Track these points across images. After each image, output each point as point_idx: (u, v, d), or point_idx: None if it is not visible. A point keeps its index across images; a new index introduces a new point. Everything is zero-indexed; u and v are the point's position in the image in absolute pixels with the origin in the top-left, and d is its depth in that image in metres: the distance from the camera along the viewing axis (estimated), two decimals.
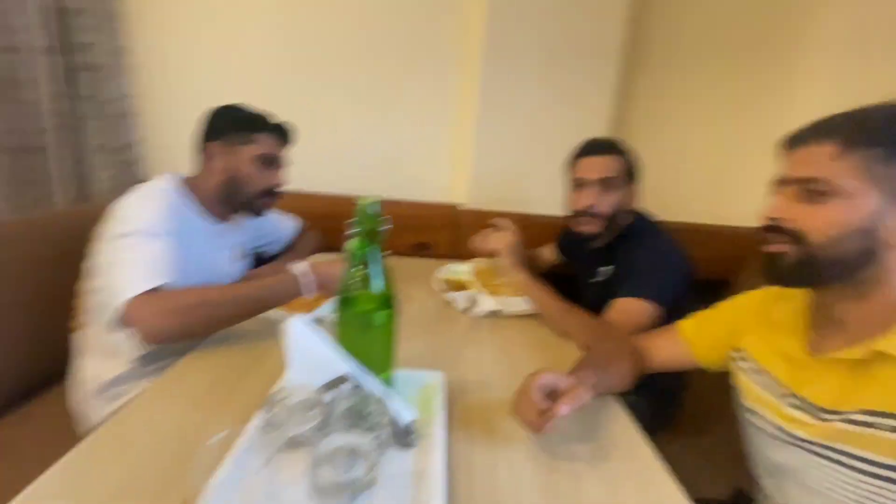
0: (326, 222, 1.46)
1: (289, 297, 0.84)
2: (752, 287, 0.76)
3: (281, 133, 1.02)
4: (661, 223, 1.11)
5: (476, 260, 1.30)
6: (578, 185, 1.06)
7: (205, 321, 0.76)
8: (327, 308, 0.96)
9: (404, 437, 0.53)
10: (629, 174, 1.07)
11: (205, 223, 0.98)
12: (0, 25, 1.29)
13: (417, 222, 1.51)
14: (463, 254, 1.46)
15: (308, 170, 1.23)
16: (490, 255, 1.14)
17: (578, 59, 1.39)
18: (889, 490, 0.50)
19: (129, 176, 1.49)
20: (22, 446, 0.85)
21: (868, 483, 0.51)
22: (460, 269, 1.29)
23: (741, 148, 1.58)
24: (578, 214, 1.05)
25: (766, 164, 0.66)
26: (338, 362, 0.50)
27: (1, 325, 0.92)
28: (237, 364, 0.74)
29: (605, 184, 1.03)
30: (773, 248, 0.56)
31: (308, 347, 0.49)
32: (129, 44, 1.42)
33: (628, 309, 0.94)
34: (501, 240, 1.07)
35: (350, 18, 1.42)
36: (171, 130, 1.51)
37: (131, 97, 1.45)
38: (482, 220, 1.37)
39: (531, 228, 1.45)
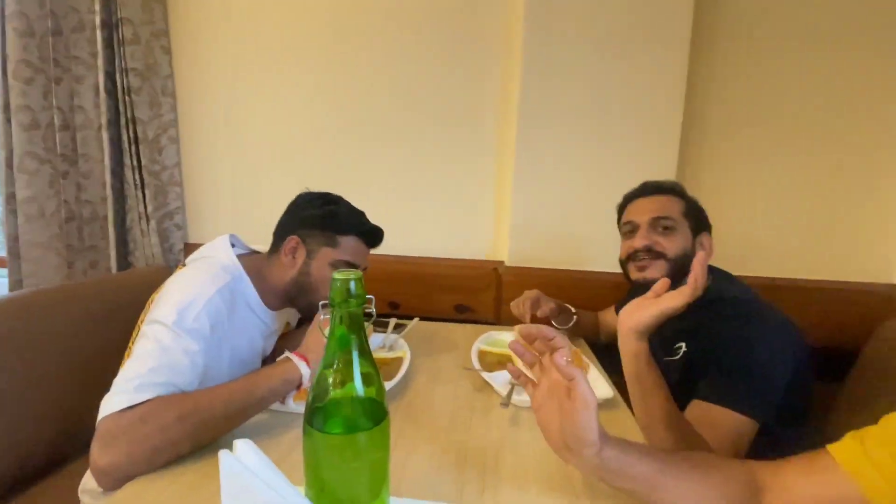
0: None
1: (288, 386, 0.71)
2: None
3: (370, 238, 0.90)
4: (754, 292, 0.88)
5: (519, 327, 1.10)
6: (630, 230, 0.92)
7: (185, 437, 0.60)
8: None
9: None
10: (692, 219, 0.89)
11: (258, 310, 0.85)
12: (68, 106, 1.40)
13: (457, 282, 1.37)
14: (507, 318, 1.29)
15: None
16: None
17: (632, 99, 1.23)
18: None
19: (176, 239, 1.51)
20: None
21: None
22: (501, 339, 1.10)
23: (862, 185, 1.28)
24: (632, 258, 0.90)
25: None
26: None
27: (37, 391, 0.89)
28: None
29: (661, 224, 0.87)
30: None
31: (247, 489, 0.35)
32: (178, 116, 1.48)
33: (715, 421, 0.69)
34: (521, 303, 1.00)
35: (387, 76, 1.39)
36: (211, 197, 1.53)
37: (179, 166, 1.50)
38: (528, 280, 1.20)
39: (587, 289, 1.27)
